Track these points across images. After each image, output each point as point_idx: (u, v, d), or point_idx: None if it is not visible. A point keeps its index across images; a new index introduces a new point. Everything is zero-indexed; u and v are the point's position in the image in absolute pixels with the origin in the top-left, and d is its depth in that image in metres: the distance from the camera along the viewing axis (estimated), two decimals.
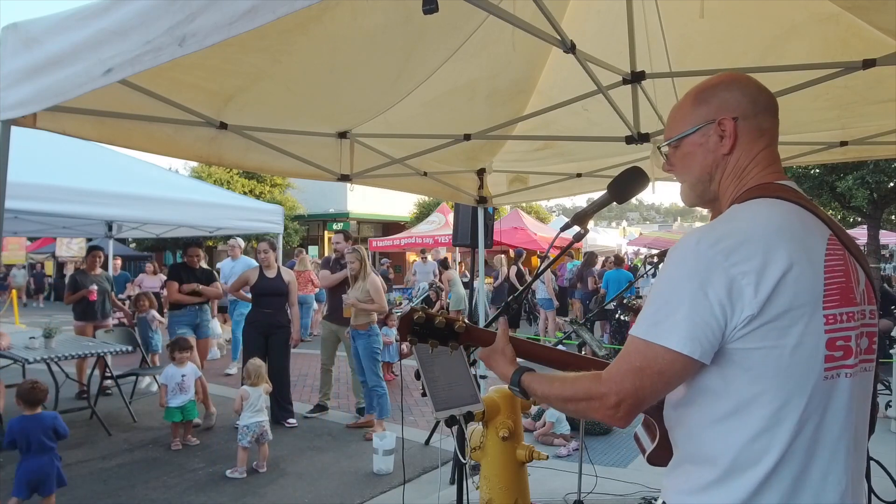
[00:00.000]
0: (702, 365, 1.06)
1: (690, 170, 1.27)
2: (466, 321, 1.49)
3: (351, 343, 5.70)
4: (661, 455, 1.25)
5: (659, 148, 1.35)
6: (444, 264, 12.56)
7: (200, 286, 6.32)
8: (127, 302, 9.83)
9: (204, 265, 6.72)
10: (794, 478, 1.04)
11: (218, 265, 11.52)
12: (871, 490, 1.37)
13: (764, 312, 1.02)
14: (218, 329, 9.07)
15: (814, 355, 1.05)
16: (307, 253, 13.40)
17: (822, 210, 1.19)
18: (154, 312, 7.31)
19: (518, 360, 1.45)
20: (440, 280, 11.75)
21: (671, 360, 1.05)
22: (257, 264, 6.13)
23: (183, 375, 5.25)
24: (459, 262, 15.19)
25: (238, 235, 8.32)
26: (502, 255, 12.19)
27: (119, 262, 10.13)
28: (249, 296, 6.08)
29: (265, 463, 4.72)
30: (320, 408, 6.31)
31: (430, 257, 14.06)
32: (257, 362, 4.90)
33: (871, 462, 1.37)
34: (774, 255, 1.03)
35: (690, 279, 1.05)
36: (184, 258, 6.54)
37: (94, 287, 6.88)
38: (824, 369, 1.05)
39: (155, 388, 7.12)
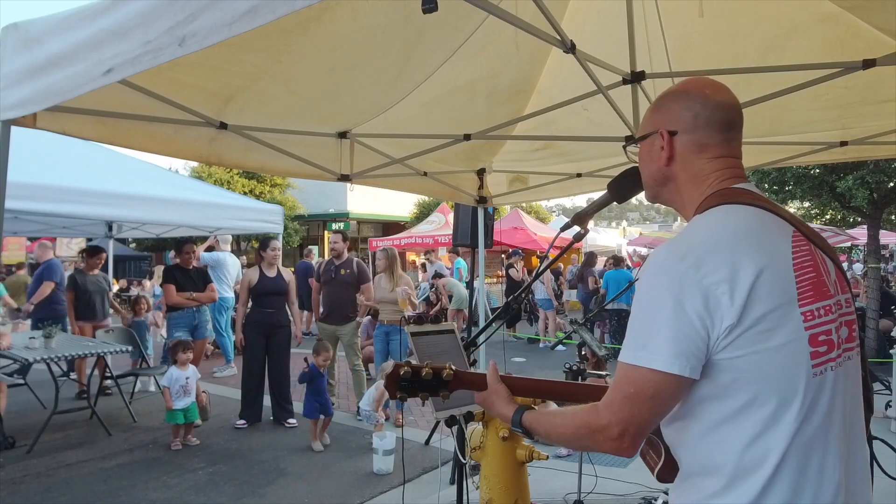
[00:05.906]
0: (692, 381, 1.05)
1: (644, 172, 1.33)
2: (454, 368, 1.42)
3: (381, 338, 5.99)
4: (669, 471, 1.24)
5: (625, 147, 1.39)
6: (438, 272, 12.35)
7: (195, 294, 6.34)
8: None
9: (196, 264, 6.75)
10: (796, 476, 1.04)
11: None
12: (876, 463, 1.36)
13: (743, 320, 1.02)
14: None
15: (799, 354, 1.05)
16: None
17: (781, 207, 1.19)
18: (152, 315, 7.31)
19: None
20: (435, 285, 11.61)
21: (662, 382, 1.04)
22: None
23: (187, 378, 5.27)
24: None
25: (238, 235, 8.32)
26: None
27: None
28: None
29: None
30: None
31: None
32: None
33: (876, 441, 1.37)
34: (743, 262, 1.04)
35: (666, 297, 1.05)
36: (177, 258, 6.53)
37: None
38: (812, 366, 1.06)
39: (151, 387, 7.13)
